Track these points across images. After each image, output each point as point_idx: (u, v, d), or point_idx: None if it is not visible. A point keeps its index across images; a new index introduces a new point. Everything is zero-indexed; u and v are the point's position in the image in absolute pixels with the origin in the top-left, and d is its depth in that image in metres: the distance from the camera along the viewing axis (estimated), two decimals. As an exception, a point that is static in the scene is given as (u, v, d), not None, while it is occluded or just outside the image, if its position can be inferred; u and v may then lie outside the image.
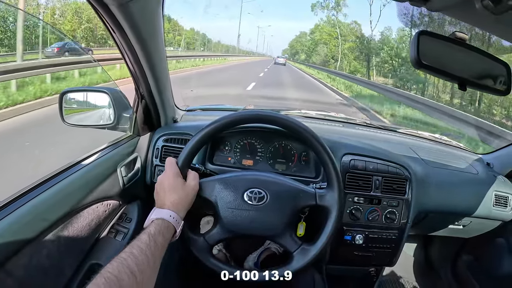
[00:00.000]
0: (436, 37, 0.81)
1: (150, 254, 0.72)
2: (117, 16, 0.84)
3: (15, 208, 0.76)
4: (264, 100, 9.30)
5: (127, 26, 0.88)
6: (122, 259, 0.67)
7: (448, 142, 1.73)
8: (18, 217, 0.76)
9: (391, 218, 1.22)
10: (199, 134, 0.96)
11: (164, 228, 0.81)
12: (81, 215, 0.96)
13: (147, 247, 0.73)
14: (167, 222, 0.82)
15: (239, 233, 0.96)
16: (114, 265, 0.65)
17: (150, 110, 1.23)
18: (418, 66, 0.78)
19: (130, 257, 0.68)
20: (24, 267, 0.77)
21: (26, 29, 12.21)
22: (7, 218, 0.74)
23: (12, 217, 0.75)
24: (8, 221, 0.74)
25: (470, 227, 1.48)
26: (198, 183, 0.93)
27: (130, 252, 0.69)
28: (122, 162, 1.13)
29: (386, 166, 1.23)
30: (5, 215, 0.74)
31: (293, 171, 1.29)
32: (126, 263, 0.66)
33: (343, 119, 1.76)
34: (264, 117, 1.00)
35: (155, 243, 0.75)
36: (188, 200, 0.90)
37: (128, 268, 0.65)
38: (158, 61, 1.08)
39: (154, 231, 0.78)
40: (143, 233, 0.77)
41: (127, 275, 0.64)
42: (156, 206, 0.88)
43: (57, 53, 13.27)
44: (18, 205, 0.77)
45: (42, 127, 4.22)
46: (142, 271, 0.67)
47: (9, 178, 2.53)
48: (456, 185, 1.39)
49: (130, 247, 0.72)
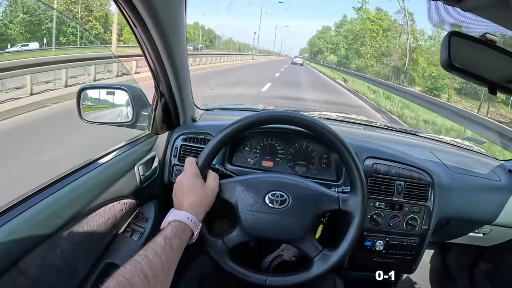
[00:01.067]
0: (466, 38, 0.78)
1: (165, 258, 0.71)
2: (139, 10, 0.83)
3: (31, 205, 0.76)
4: (281, 100, 9.24)
5: (150, 22, 0.87)
6: (136, 262, 0.66)
7: (469, 147, 1.69)
8: (33, 214, 0.75)
9: (412, 225, 1.20)
10: (221, 134, 0.94)
11: (181, 231, 0.79)
12: (97, 214, 0.95)
13: (162, 250, 0.72)
14: (184, 224, 0.81)
15: (259, 237, 0.94)
16: (127, 268, 0.64)
17: (170, 108, 1.22)
18: (449, 69, 0.76)
19: (144, 261, 0.67)
20: (38, 266, 0.77)
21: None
22: (22, 215, 0.74)
23: (27, 214, 0.74)
24: (23, 218, 0.73)
25: (490, 235, 1.44)
26: (218, 184, 0.92)
27: (144, 255, 0.68)
28: (139, 161, 1.12)
29: (409, 171, 1.20)
30: (20, 212, 0.74)
31: (314, 174, 1.27)
32: (140, 267, 0.65)
33: (364, 122, 1.73)
34: (289, 118, 0.98)
35: (171, 246, 0.74)
36: (207, 202, 0.88)
37: (142, 271, 0.64)
38: (179, 58, 1.07)
39: (170, 234, 0.76)
40: (159, 236, 0.76)
41: (140, 279, 0.63)
42: (174, 207, 0.87)
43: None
44: (33, 202, 0.77)
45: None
46: (156, 276, 0.66)
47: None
48: (478, 192, 1.35)
49: (145, 250, 0.71)
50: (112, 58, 9.84)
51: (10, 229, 0.70)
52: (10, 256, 0.69)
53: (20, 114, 4.83)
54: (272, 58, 57.55)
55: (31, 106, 5.26)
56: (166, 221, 0.82)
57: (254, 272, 0.94)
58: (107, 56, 9.18)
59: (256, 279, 0.92)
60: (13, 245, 0.70)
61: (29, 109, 5.10)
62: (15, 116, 4.73)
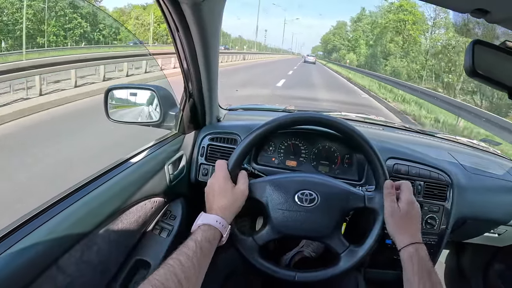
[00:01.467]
0: (489, 47, 0.81)
1: (197, 261, 0.73)
2: (186, 15, 0.86)
3: (69, 204, 0.79)
4: (300, 100, 9.23)
5: (194, 25, 0.90)
6: (169, 265, 0.69)
7: (486, 148, 1.71)
8: (71, 213, 0.78)
9: (431, 224, 1.22)
10: (251, 136, 0.97)
11: (211, 234, 0.81)
12: (130, 212, 0.98)
13: (194, 254, 0.74)
14: (214, 228, 0.83)
15: (289, 234, 0.97)
16: (162, 272, 0.67)
17: (197, 108, 1.26)
18: (473, 75, 0.79)
19: (177, 264, 0.69)
20: (76, 264, 0.79)
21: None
22: (61, 214, 0.76)
23: (65, 213, 0.77)
24: (61, 217, 0.75)
25: (506, 236, 1.45)
26: (248, 186, 0.94)
27: (177, 259, 0.71)
28: (169, 160, 1.16)
29: (429, 172, 1.23)
30: (59, 212, 0.76)
31: (336, 173, 1.30)
32: (174, 271, 0.68)
33: (382, 122, 1.76)
34: (319, 119, 1.01)
35: (201, 250, 0.76)
36: (236, 205, 0.90)
37: (176, 275, 0.67)
38: (214, 60, 1.10)
39: (201, 238, 0.78)
40: (190, 240, 0.78)
41: (174, 283, 0.65)
42: (206, 210, 0.89)
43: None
44: (71, 202, 0.80)
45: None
46: (188, 279, 0.69)
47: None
48: (495, 193, 1.37)
49: (177, 253, 0.73)
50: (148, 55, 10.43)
51: (49, 228, 0.72)
52: (50, 255, 0.72)
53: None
54: (282, 57, 55.35)
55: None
56: (196, 224, 0.84)
57: (284, 268, 0.97)
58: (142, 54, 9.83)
59: (286, 275, 0.96)
60: (53, 244, 0.72)
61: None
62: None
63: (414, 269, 0.81)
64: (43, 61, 6.80)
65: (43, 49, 13.62)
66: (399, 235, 0.89)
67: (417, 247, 0.84)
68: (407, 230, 0.88)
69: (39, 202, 0.78)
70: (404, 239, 0.87)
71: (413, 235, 0.86)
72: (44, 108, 5.33)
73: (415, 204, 0.91)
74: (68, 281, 0.76)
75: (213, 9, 0.91)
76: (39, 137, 4.18)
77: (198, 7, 0.84)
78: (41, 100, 5.60)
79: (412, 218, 0.89)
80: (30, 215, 0.73)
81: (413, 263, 0.82)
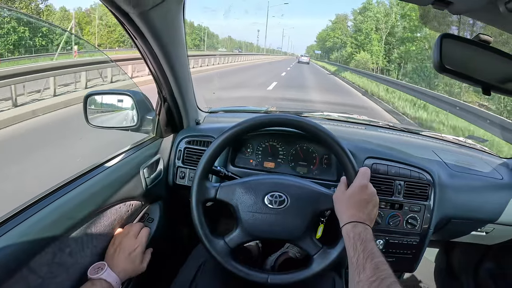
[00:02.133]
0: (459, 40, 0.80)
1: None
2: (137, 24, 0.86)
3: (42, 207, 0.79)
4: (286, 102, 9.20)
5: (148, 33, 0.90)
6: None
7: (472, 145, 1.69)
8: (44, 216, 0.79)
9: (412, 224, 1.21)
10: (220, 138, 0.97)
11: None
12: (104, 215, 0.98)
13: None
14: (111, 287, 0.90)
15: (260, 236, 0.97)
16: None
17: (173, 112, 1.26)
18: (441, 71, 0.77)
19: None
20: (48, 265, 0.80)
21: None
22: (34, 216, 0.77)
23: (39, 216, 0.78)
24: (34, 220, 0.76)
25: (493, 234, 1.43)
26: (216, 190, 0.98)
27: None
28: (145, 164, 1.16)
29: (409, 171, 1.22)
30: (32, 214, 0.77)
31: (315, 174, 1.29)
32: None
33: (365, 121, 1.75)
34: (286, 120, 1.00)
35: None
36: (131, 275, 1.00)
37: None
38: (180, 65, 1.10)
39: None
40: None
41: None
42: (107, 262, 0.95)
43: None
44: (45, 204, 0.80)
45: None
46: None
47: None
48: (480, 191, 1.36)
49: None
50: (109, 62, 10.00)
51: (22, 230, 0.73)
52: (21, 256, 0.72)
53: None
54: (274, 58, 53.43)
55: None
56: (98, 275, 0.90)
57: (256, 270, 0.96)
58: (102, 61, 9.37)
59: (258, 277, 0.95)
60: (26, 246, 0.73)
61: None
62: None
63: (350, 243, 0.81)
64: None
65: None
66: (341, 215, 0.89)
67: (355, 224, 0.84)
68: (348, 211, 0.87)
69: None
70: (344, 218, 0.87)
71: (353, 215, 0.86)
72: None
73: (367, 190, 0.90)
74: (40, 281, 0.77)
75: (166, 15, 0.91)
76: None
77: (147, 16, 0.84)
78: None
79: (358, 202, 0.88)
80: (2, 218, 0.74)
81: (349, 238, 0.82)
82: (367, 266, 0.73)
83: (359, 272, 0.73)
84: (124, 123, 1.26)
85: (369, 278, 0.70)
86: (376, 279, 0.69)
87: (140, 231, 1.06)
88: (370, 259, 0.75)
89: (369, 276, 0.71)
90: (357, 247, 0.79)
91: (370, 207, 0.89)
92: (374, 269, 0.72)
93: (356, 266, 0.75)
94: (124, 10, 0.80)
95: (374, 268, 0.72)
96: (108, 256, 0.96)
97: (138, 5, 0.79)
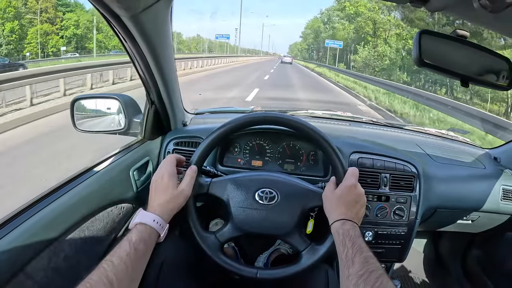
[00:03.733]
0: (437, 36, 0.83)
1: (130, 263, 0.72)
2: (128, 27, 0.86)
3: (34, 212, 0.80)
4: (271, 101, 9.24)
5: (138, 36, 0.90)
6: (102, 268, 0.68)
7: (454, 137, 1.74)
8: (37, 221, 0.79)
9: (399, 215, 1.23)
10: (209, 138, 0.98)
11: (147, 235, 0.80)
12: (96, 219, 0.98)
13: (127, 255, 0.73)
14: (150, 228, 0.81)
15: (250, 232, 0.98)
16: (94, 274, 0.67)
17: (160, 114, 1.26)
18: (421, 65, 0.80)
19: (109, 266, 0.69)
20: (44, 270, 0.80)
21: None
22: (27, 222, 0.77)
23: (31, 221, 0.78)
24: (27, 225, 0.77)
25: (479, 222, 1.48)
26: (192, 188, 0.92)
27: (110, 261, 0.70)
28: (134, 166, 1.16)
29: (394, 163, 1.24)
30: (25, 220, 0.77)
31: (302, 171, 1.31)
32: (105, 273, 0.67)
33: (349, 118, 1.77)
34: (272, 118, 1.02)
35: (136, 250, 0.75)
36: (176, 203, 0.89)
37: (107, 278, 0.66)
38: (167, 67, 1.11)
39: (135, 239, 0.77)
40: (125, 240, 0.76)
41: (104, 285, 0.65)
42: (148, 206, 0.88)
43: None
44: (37, 210, 0.80)
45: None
46: (120, 281, 0.68)
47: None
48: (464, 180, 1.40)
49: (111, 255, 0.72)
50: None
51: (15, 236, 0.73)
52: (17, 262, 0.73)
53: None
54: (258, 59, 52.12)
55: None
56: (133, 222, 0.82)
57: (246, 266, 0.98)
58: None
59: (247, 272, 0.96)
60: (20, 251, 0.73)
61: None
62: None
63: (339, 240, 0.83)
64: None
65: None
66: (330, 214, 0.91)
67: (344, 222, 0.87)
68: (337, 210, 0.89)
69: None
70: (333, 216, 0.89)
71: (342, 213, 0.88)
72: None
73: (356, 190, 0.92)
74: (36, 287, 0.77)
75: (156, 18, 0.91)
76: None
77: (138, 18, 0.84)
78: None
79: (347, 201, 0.90)
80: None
81: (339, 235, 0.84)
82: (356, 260, 0.76)
83: (348, 267, 0.75)
84: (112, 126, 1.25)
85: (358, 271, 0.72)
86: (364, 272, 0.71)
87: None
88: (358, 254, 0.77)
89: (358, 270, 0.73)
90: (346, 243, 0.81)
91: (358, 206, 0.91)
92: (363, 263, 0.74)
93: (346, 261, 0.77)
94: (116, 13, 0.80)
95: (363, 262, 0.74)
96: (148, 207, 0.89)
97: (130, 8, 0.79)
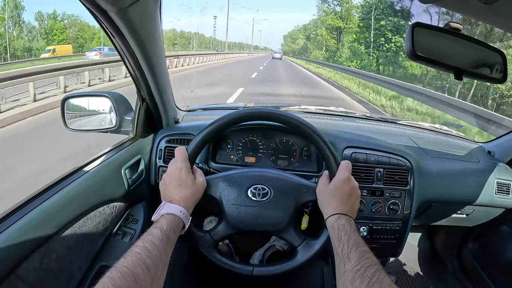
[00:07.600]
0: (430, 29, 0.82)
1: (163, 249, 0.72)
2: (116, 22, 0.84)
3: (25, 212, 0.79)
4: (264, 97, 9.23)
5: (126, 31, 0.89)
6: (136, 253, 0.67)
7: (448, 132, 1.74)
8: (28, 221, 0.78)
9: (394, 209, 1.23)
10: (200, 134, 0.96)
11: (176, 224, 0.81)
12: (88, 218, 0.97)
13: (160, 242, 0.73)
14: (178, 218, 0.83)
15: (244, 229, 0.97)
16: (129, 259, 0.65)
17: (152, 112, 1.25)
18: (414, 58, 0.79)
19: (144, 252, 0.68)
20: (36, 271, 0.79)
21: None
22: (18, 223, 0.76)
23: (22, 221, 0.77)
24: (18, 226, 0.76)
25: (473, 216, 1.48)
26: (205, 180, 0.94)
27: (143, 247, 0.70)
28: (126, 165, 1.15)
29: (387, 158, 1.24)
30: (16, 220, 0.76)
31: (295, 166, 1.30)
32: (142, 258, 0.66)
33: (343, 113, 1.77)
34: (264, 114, 1.00)
35: (168, 238, 0.76)
36: (196, 197, 0.91)
37: (143, 262, 0.66)
38: (158, 63, 1.09)
39: (166, 227, 0.78)
40: (155, 228, 0.77)
41: (142, 270, 0.64)
42: (164, 200, 0.88)
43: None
44: (28, 210, 0.79)
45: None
46: (156, 266, 0.68)
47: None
48: (458, 174, 1.40)
49: (143, 241, 0.72)
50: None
51: (6, 236, 0.72)
52: (8, 263, 0.72)
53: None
54: (248, 56, 50.73)
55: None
56: (159, 213, 0.83)
57: (242, 263, 0.97)
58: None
59: (243, 270, 0.95)
60: (11, 253, 0.72)
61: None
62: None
63: (335, 235, 0.82)
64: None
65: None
66: (325, 208, 0.90)
67: (339, 216, 0.85)
68: (331, 204, 0.88)
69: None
70: (327, 211, 0.88)
71: (337, 208, 0.87)
72: None
73: (350, 183, 0.91)
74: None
75: (143, 13, 0.89)
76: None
77: (125, 13, 0.82)
78: None
79: (341, 195, 0.89)
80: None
81: (334, 229, 0.83)
82: (352, 255, 0.75)
83: (344, 262, 0.75)
84: (103, 124, 1.24)
85: (354, 267, 0.72)
86: (361, 267, 0.71)
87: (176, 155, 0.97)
88: (354, 249, 0.76)
89: (354, 265, 0.72)
90: (341, 238, 0.80)
91: (352, 199, 0.90)
92: (359, 258, 0.73)
93: (342, 257, 0.76)
94: (103, 7, 0.79)
95: (359, 257, 0.73)
96: (164, 197, 0.89)
97: (116, 2, 0.77)
